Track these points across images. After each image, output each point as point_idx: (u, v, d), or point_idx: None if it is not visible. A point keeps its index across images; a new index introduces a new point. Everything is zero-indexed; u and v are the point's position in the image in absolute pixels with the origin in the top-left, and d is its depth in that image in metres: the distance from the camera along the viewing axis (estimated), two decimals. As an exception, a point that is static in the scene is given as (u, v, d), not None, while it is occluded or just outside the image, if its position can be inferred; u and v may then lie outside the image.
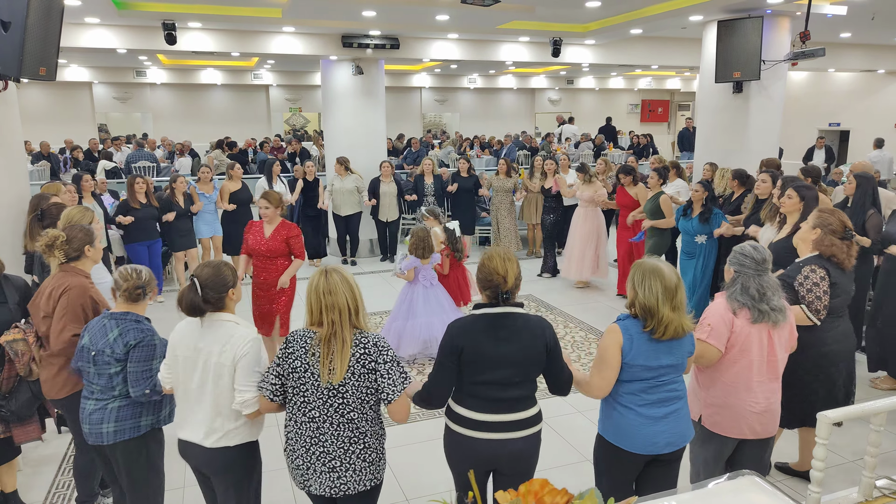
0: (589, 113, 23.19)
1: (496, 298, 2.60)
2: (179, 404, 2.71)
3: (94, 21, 8.40)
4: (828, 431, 2.76)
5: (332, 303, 2.41)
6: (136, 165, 12.00)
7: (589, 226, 7.87)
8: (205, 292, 2.55)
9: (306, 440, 2.48)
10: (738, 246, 3.02)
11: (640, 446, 2.64)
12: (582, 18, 9.20)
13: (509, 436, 2.58)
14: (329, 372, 2.39)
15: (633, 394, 2.65)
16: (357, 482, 2.48)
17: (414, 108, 21.56)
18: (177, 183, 7.46)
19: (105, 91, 18.43)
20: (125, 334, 2.82)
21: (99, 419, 2.86)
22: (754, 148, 8.08)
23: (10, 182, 5.51)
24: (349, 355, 2.39)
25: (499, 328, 2.56)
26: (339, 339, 2.39)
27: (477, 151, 15.42)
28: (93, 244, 3.30)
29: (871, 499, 2.83)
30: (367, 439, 2.49)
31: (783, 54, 7.91)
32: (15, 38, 4.62)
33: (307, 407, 2.46)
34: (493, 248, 2.72)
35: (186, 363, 2.61)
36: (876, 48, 12.92)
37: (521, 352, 2.55)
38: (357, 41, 9.35)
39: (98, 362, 2.84)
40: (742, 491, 2.18)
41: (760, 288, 2.88)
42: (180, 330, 2.68)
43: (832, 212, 3.50)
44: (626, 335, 2.61)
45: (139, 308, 2.94)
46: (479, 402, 2.58)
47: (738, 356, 2.91)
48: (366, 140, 10.00)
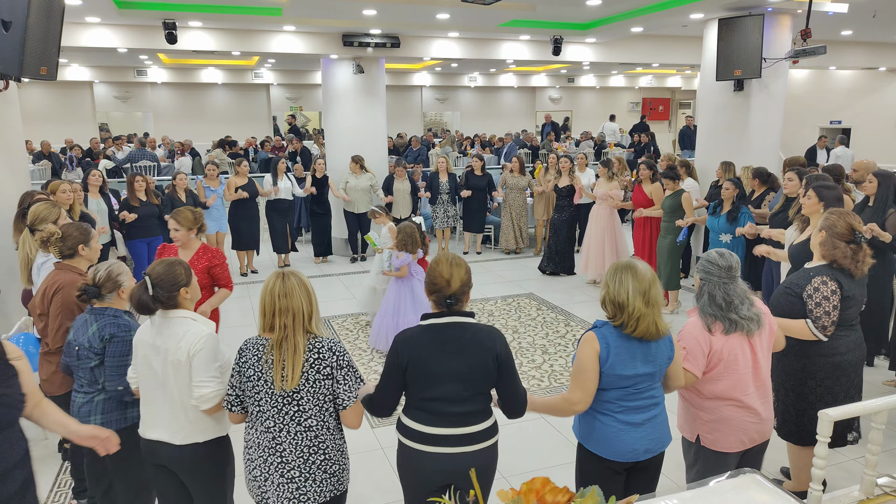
0: (589, 111, 23.18)
1: (441, 304, 2.51)
2: (144, 404, 2.68)
3: (94, 20, 8.40)
4: (829, 429, 2.76)
5: (287, 306, 2.35)
6: (137, 165, 12.01)
7: (604, 223, 7.86)
8: (156, 290, 2.53)
9: (263, 450, 2.41)
10: (704, 252, 2.91)
11: (621, 454, 2.58)
12: (582, 16, 9.19)
13: (461, 450, 2.48)
14: (282, 379, 2.33)
15: (610, 402, 2.58)
16: (318, 493, 2.40)
17: (414, 106, 21.55)
18: (177, 180, 7.55)
19: (106, 90, 18.44)
20: (102, 329, 2.84)
21: (87, 412, 2.89)
22: (755, 146, 8.07)
23: (12, 181, 5.52)
24: (302, 360, 2.33)
25: (446, 340, 2.45)
26: (291, 344, 2.33)
27: (478, 150, 15.41)
28: (87, 244, 3.31)
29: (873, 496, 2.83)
30: (328, 449, 2.42)
31: (784, 52, 7.89)
32: (16, 38, 4.62)
33: (263, 416, 2.39)
34: (441, 252, 2.66)
35: (146, 362, 2.62)
36: (877, 46, 12.89)
37: (470, 365, 2.45)
38: (358, 40, 9.34)
39: (80, 357, 2.87)
40: (743, 489, 2.18)
41: (727, 296, 2.76)
42: (141, 330, 2.69)
43: (840, 214, 3.28)
44: (603, 343, 2.53)
45: (119, 303, 2.94)
46: (429, 416, 2.49)
47: (725, 372, 2.78)
48: (366, 139, 10.00)
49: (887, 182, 4.83)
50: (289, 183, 8.63)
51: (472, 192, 9.31)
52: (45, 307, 3.18)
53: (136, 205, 7.06)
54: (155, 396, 2.62)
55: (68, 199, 5.42)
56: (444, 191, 9.29)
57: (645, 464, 2.64)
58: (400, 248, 5.70)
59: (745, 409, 2.81)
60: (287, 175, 8.66)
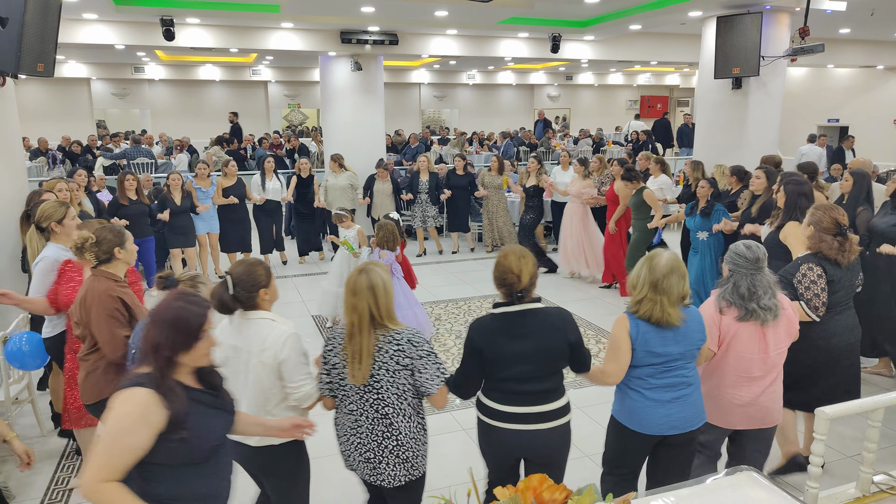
0: (588, 109, 23.17)
1: (511, 297, 2.63)
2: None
3: (91, 17, 8.38)
4: (826, 427, 2.77)
5: (354, 305, 2.44)
6: (133, 162, 11.98)
7: (578, 220, 7.90)
8: (236, 290, 2.52)
9: (346, 430, 2.57)
10: (733, 244, 3.04)
11: (647, 427, 2.74)
12: (581, 14, 9.19)
13: (535, 427, 2.63)
14: (353, 374, 2.45)
15: (640, 378, 2.75)
16: (392, 476, 2.53)
17: (413, 104, 21.53)
18: (171, 180, 7.29)
19: (103, 87, 18.40)
20: None
21: None
22: (753, 144, 8.08)
23: (9, 179, 5.51)
24: (368, 358, 2.42)
25: (516, 326, 2.60)
26: (357, 343, 2.43)
27: (476, 148, 15.40)
28: (123, 246, 3.20)
29: (869, 494, 2.84)
30: (401, 437, 2.51)
31: (782, 50, 7.90)
32: (13, 35, 4.61)
33: (347, 400, 2.54)
34: (508, 245, 2.76)
35: (226, 363, 2.58)
36: (875, 44, 12.90)
37: (540, 348, 2.60)
38: (356, 37, 9.32)
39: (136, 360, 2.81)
40: (740, 486, 2.18)
41: (752, 287, 2.91)
42: (219, 331, 2.63)
43: (826, 209, 3.50)
44: (633, 322, 2.72)
45: None
46: (504, 396, 2.65)
47: (723, 353, 2.98)
48: (364, 136, 9.99)
49: (861, 181, 5.07)
50: (278, 183, 8.39)
51: (454, 191, 9.17)
52: (82, 317, 3.09)
53: (125, 203, 6.81)
54: (238, 396, 2.59)
55: (65, 198, 5.39)
56: (424, 190, 9.11)
57: (672, 440, 2.76)
58: (382, 247, 5.56)
59: (735, 392, 2.99)
60: (277, 174, 8.44)
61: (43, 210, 3.89)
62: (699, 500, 2.12)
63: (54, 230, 3.84)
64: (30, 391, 4.37)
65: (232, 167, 7.95)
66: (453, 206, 9.41)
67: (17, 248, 5.39)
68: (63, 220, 3.83)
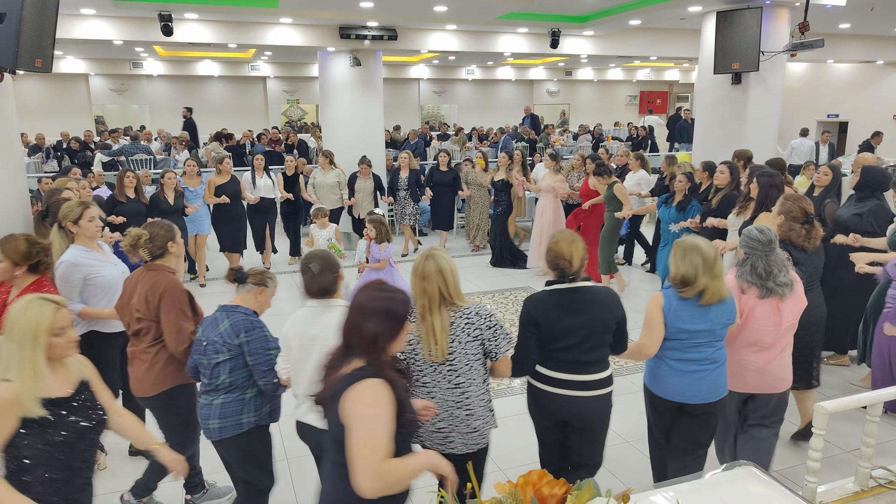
0: (587, 104, 23.13)
1: (563, 279, 2.88)
2: (298, 390, 2.81)
3: (89, 12, 8.35)
4: (824, 422, 2.78)
5: (424, 289, 2.59)
6: (132, 158, 11.96)
7: (550, 215, 7.94)
8: (324, 275, 2.71)
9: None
10: (746, 229, 3.26)
11: (668, 393, 3.04)
12: (580, 9, 9.17)
13: (581, 394, 2.88)
14: (429, 352, 2.60)
15: (668, 349, 3.02)
16: (463, 444, 2.67)
17: (412, 99, 21.49)
18: (165, 178, 7.01)
19: (101, 83, 18.35)
20: (236, 325, 2.84)
21: (207, 415, 2.90)
22: (753, 139, 8.07)
23: (8, 175, 5.49)
24: (444, 336, 2.58)
25: (570, 302, 2.85)
26: (429, 323, 2.57)
27: (475, 143, 15.38)
28: (175, 240, 3.27)
29: (867, 489, 2.85)
30: (472, 406, 2.67)
31: (782, 45, 7.89)
32: (10, 30, 4.59)
33: (420, 374, 2.67)
34: (559, 231, 3.00)
35: (301, 351, 2.74)
36: (875, 39, 12.88)
37: (591, 322, 2.84)
38: (355, 32, 9.30)
39: (208, 352, 2.86)
40: (739, 481, 2.19)
41: (768, 267, 3.16)
42: (293, 321, 2.79)
43: (795, 199, 3.82)
44: (667, 300, 2.98)
45: (254, 304, 2.96)
46: (554, 363, 2.89)
47: (742, 325, 3.22)
48: (363, 132, 9.97)
49: (838, 175, 5.38)
50: (269, 181, 8.21)
51: (438, 188, 9.07)
52: (149, 312, 3.12)
53: (122, 200, 6.66)
54: (308, 382, 2.72)
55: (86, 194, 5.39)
56: (403, 187, 8.97)
57: (693, 409, 3.03)
58: (380, 241, 5.59)
59: (752, 358, 3.25)
60: (267, 173, 8.25)
61: (62, 209, 3.84)
62: (699, 496, 2.13)
63: (70, 230, 3.77)
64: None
65: (227, 164, 7.72)
66: (437, 204, 9.28)
67: (16, 244, 5.38)
68: (79, 220, 3.74)
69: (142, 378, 3.21)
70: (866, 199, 4.89)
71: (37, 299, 2.14)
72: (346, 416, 1.91)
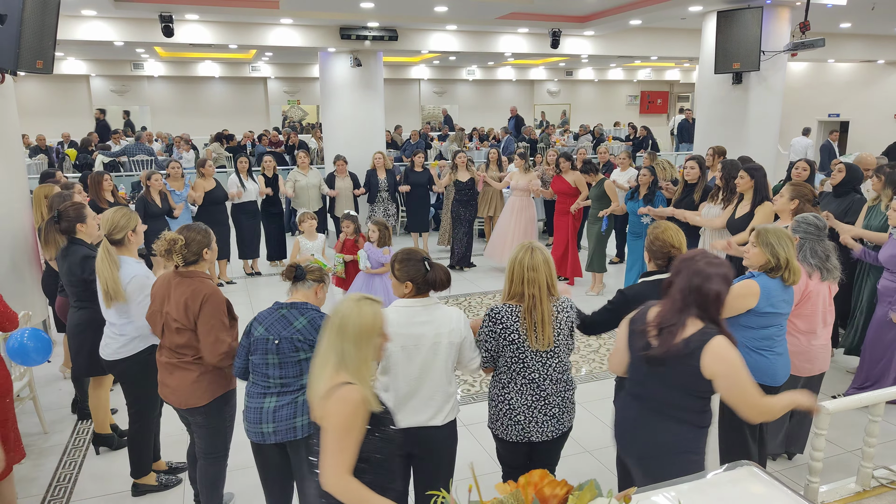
0: (588, 105, 23.12)
1: (668, 267, 2.85)
2: (402, 394, 2.72)
3: (90, 13, 8.36)
4: (826, 422, 2.78)
5: (534, 278, 2.66)
6: (134, 159, 11.98)
7: (525, 214, 7.98)
8: (437, 271, 2.73)
9: (527, 398, 2.77)
10: (801, 216, 3.51)
11: (784, 377, 3.18)
12: (581, 9, 9.17)
13: None
14: (536, 340, 2.69)
15: (770, 338, 3.13)
16: (569, 419, 2.87)
17: (412, 100, 21.49)
18: (151, 181, 6.86)
19: (102, 84, 18.37)
20: (314, 321, 2.78)
21: (290, 414, 2.78)
22: (753, 139, 8.07)
23: (9, 176, 5.50)
24: (551, 323, 2.69)
25: None
26: (540, 311, 2.67)
27: (476, 143, 15.39)
28: (210, 246, 3.16)
29: (869, 488, 2.85)
30: (570, 381, 2.87)
31: (783, 45, 7.88)
32: (11, 31, 4.60)
33: (527, 370, 2.75)
34: (663, 221, 3.12)
35: (405, 352, 2.69)
36: (876, 38, 12.87)
37: None
38: (355, 33, 9.30)
39: (284, 350, 2.76)
40: (740, 481, 2.19)
41: (825, 250, 3.39)
42: (403, 319, 2.71)
43: (803, 185, 4.17)
44: (764, 288, 3.04)
45: (314, 299, 2.91)
46: None
47: (807, 308, 3.40)
48: (364, 132, 9.97)
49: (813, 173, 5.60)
50: (255, 184, 8.03)
51: (413, 188, 8.81)
52: (190, 320, 3.00)
53: (104, 207, 6.22)
54: (411, 383, 2.71)
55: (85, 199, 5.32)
56: (384, 188, 8.73)
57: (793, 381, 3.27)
58: (381, 245, 5.42)
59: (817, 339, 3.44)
60: (251, 175, 8.08)
61: (114, 219, 3.49)
62: (700, 496, 2.12)
63: (129, 239, 3.51)
64: (31, 388, 4.38)
65: (209, 168, 7.51)
66: (412, 205, 9.00)
67: (16, 247, 5.38)
68: (137, 227, 3.54)
69: (190, 388, 3.07)
70: (846, 195, 5.13)
71: (365, 300, 2.16)
72: (718, 366, 2.27)
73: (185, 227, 3.17)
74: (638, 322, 2.51)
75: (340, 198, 8.65)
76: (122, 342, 3.53)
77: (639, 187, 6.54)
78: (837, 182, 5.16)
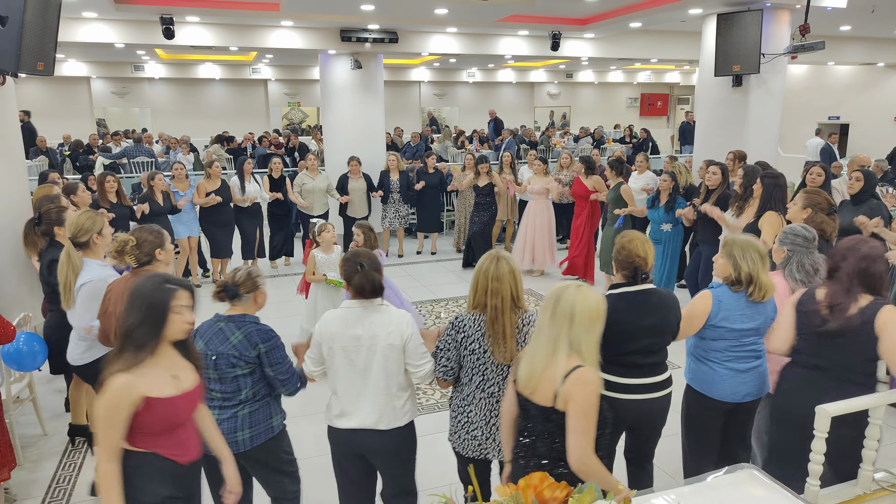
0: (588, 107, 23.14)
1: (634, 278, 2.90)
2: (343, 395, 2.72)
3: (91, 15, 8.37)
4: (826, 424, 2.77)
5: (497, 289, 2.59)
6: (134, 161, 11.98)
7: (545, 217, 8.01)
8: (374, 273, 2.66)
9: (486, 413, 2.68)
10: (788, 227, 3.28)
11: (724, 395, 3.03)
12: (581, 12, 9.18)
13: (649, 396, 2.92)
14: (499, 354, 2.60)
15: (719, 351, 3.03)
16: None
17: (413, 102, 21.51)
18: (155, 180, 6.98)
19: (103, 86, 18.39)
20: (250, 337, 2.70)
21: (232, 427, 2.72)
22: (753, 141, 8.08)
23: (9, 178, 5.51)
24: (513, 339, 2.60)
25: (640, 304, 2.89)
26: (501, 324, 2.58)
27: (476, 146, 15.39)
28: (163, 247, 3.13)
29: (870, 492, 2.84)
30: None
31: (783, 48, 7.89)
32: (12, 33, 4.61)
33: (487, 383, 2.67)
34: (631, 231, 3.01)
35: (346, 353, 2.67)
36: (876, 41, 12.88)
37: (660, 323, 2.90)
38: (356, 35, 9.31)
39: (220, 366, 2.70)
40: (740, 484, 2.18)
41: (814, 264, 3.17)
42: (331, 323, 2.70)
43: (816, 192, 3.91)
44: (716, 301, 2.97)
45: (253, 308, 2.82)
46: (625, 369, 2.90)
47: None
48: (365, 134, 9.98)
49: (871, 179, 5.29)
50: (256, 185, 8.08)
51: (425, 189, 9.03)
52: None
53: (106, 206, 6.33)
54: (356, 386, 2.69)
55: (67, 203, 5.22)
56: (396, 189, 8.85)
57: (746, 406, 3.09)
58: (369, 248, 5.14)
59: None
60: (254, 177, 8.13)
61: (79, 222, 3.44)
62: (700, 498, 2.12)
63: (94, 242, 3.48)
64: (31, 389, 4.37)
65: (216, 168, 7.62)
66: (424, 206, 9.23)
67: (16, 248, 5.38)
68: (102, 230, 3.48)
69: None
70: (864, 202, 4.97)
71: (584, 286, 2.27)
72: (887, 328, 2.59)
73: (138, 228, 3.16)
74: (806, 304, 2.80)
75: (353, 199, 8.68)
76: (84, 347, 3.48)
77: (659, 194, 6.45)
78: (856, 191, 5.01)
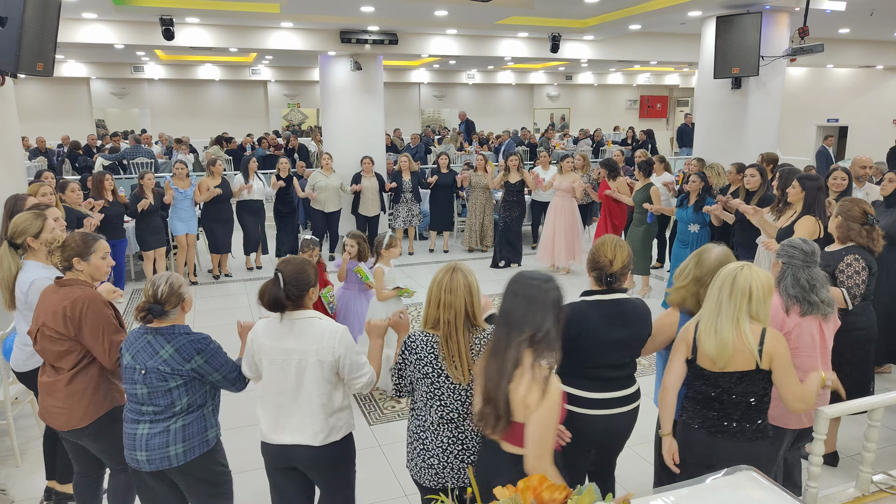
0: (588, 109, 23.15)
1: (602, 282, 2.76)
2: (273, 409, 2.62)
3: (91, 16, 8.37)
4: (825, 426, 2.77)
5: (450, 302, 2.39)
6: (133, 162, 11.98)
7: (569, 215, 8.12)
8: (287, 288, 2.51)
9: (443, 439, 2.47)
10: (787, 240, 3.10)
11: None
12: (581, 14, 9.18)
13: (618, 410, 2.79)
14: (455, 375, 2.40)
15: None
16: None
17: (412, 103, 21.51)
18: (144, 180, 7.18)
19: (103, 87, 18.38)
20: (182, 350, 2.58)
21: (163, 442, 2.59)
22: (752, 143, 8.08)
23: (8, 178, 5.51)
24: (469, 360, 2.40)
25: (613, 314, 2.74)
26: (455, 342, 2.39)
27: (476, 147, 15.39)
28: (84, 258, 2.93)
29: (868, 494, 2.84)
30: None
31: (782, 50, 7.90)
32: (12, 34, 4.61)
33: (444, 409, 2.45)
34: (608, 235, 2.87)
35: (274, 366, 2.56)
36: (874, 44, 12.89)
37: (632, 335, 2.79)
38: (355, 37, 9.32)
39: (151, 380, 2.57)
40: (740, 486, 2.18)
41: (810, 279, 2.94)
42: (262, 334, 2.61)
43: (853, 201, 3.74)
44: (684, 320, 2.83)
45: (181, 318, 2.70)
46: (594, 383, 2.77)
47: (794, 353, 2.86)
48: (364, 136, 9.98)
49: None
50: (260, 183, 8.29)
51: (438, 189, 9.31)
52: (71, 329, 2.80)
53: (105, 205, 6.68)
54: (286, 400, 2.58)
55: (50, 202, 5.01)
56: (408, 189, 9.09)
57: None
58: (361, 259, 5.14)
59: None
60: (257, 175, 8.30)
61: (16, 223, 3.33)
62: (699, 500, 2.12)
63: (29, 245, 3.31)
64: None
65: (218, 166, 7.82)
66: (437, 205, 9.47)
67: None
68: (40, 233, 3.31)
69: (71, 408, 2.86)
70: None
71: (754, 266, 2.50)
72: None
73: (75, 232, 3.04)
74: None
75: (366, 197, 8.90)
76: (28, 353, 3.34)
77: (688, 195, 6.46)
78: (889, 192, 4.82)
